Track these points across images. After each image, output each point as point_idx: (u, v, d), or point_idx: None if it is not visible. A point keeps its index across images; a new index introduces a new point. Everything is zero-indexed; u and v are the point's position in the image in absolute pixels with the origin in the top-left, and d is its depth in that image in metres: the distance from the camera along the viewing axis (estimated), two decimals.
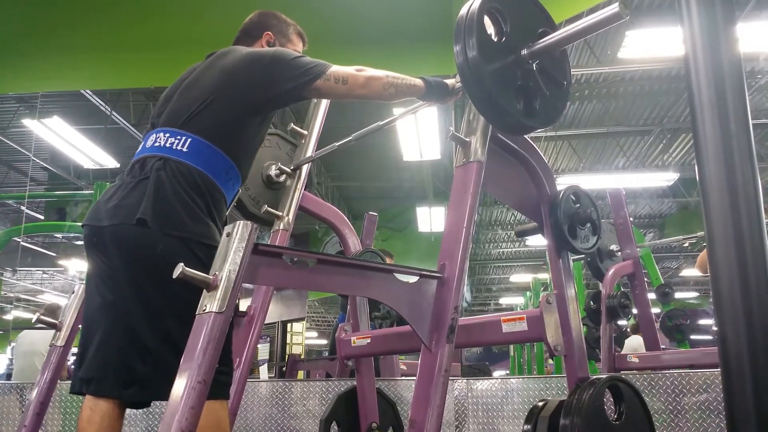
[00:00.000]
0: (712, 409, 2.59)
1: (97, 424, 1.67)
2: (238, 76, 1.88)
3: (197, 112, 1.82)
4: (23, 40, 4.20)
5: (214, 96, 1.84)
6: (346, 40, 4.03)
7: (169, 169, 1.73)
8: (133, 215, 1.66)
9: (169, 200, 1.69)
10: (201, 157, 1.76)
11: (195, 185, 1.74)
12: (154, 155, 1.77)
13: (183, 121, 1.81)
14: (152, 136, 1.83)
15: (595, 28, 1.56)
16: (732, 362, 1.40)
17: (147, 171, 1.74)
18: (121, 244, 1.70)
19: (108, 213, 1.72)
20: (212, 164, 1.78)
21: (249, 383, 3.02)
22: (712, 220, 1.46)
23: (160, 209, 1.67)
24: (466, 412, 2.90)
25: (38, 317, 2.32)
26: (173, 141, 1.78)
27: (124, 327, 1.69)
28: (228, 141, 1.82)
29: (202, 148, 1.77)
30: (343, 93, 1.87)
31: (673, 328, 5.19)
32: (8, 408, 3.36)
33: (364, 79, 1.87)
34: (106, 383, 1.70)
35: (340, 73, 1.85)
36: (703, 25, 1.50)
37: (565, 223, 2.00)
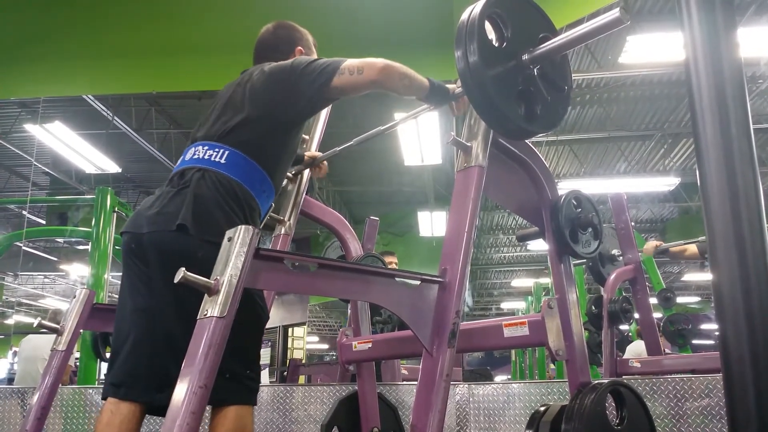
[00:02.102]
0: (714, 414, 2.58)
1: (116, 428, 1.69)
2: (264, 93, 1.91)
3: (232, 127, 1.86)
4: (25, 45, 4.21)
5: (246, 113, 1.88)
6: (347, 46, 4.03)
7: (208, 178, 1.77)
8: (173, 222, 1.69)
9: (208, 208, 1.72)
10: (238, 169, 1.81)
11: (234, 194, 1.78)
12: (194, 166, 1.82)
13: (219, 135, 1.86)
14: (191, 150, 1.89)
15: (596, 33, 1.56)
16: (734, 367, 1.40)
17: (186, 180, 1.78)
18: (161, 250, 1.72)
19: (148, 220, 1.75)
20: (249, 176, 1.83)
21: None
22: (713, 224, 1.46)
23: (200, 216, 1.70)
24: (468, 417, 2.90)
25: (40, 322, 2.32)
26: (212, 153, 1.83)
27: (160, 333, 1.71)
28: (262, 154, 1.86)
29: (239, 161, 1.82)
30: (361, 83, 1.85)
31: (675, 333, 5.17)
32: (9, 413, 3.36)
33: (383, 65, 1.85)
34: (137, 388, 1.72)
35: (355, 65, 1.85)
36: (704, 29, 1.50)
37: (567, 228, 2.00)
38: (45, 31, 4.17)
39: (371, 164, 10.31)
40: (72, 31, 4.17)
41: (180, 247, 1.70)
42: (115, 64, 4.27)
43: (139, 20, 4.12)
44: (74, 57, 4.24)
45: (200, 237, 1.68)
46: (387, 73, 1.85)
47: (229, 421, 1.63)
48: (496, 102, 1.56)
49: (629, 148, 10.17)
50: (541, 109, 1.68)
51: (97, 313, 2.37)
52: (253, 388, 1.73)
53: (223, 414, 1.64)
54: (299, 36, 2.24)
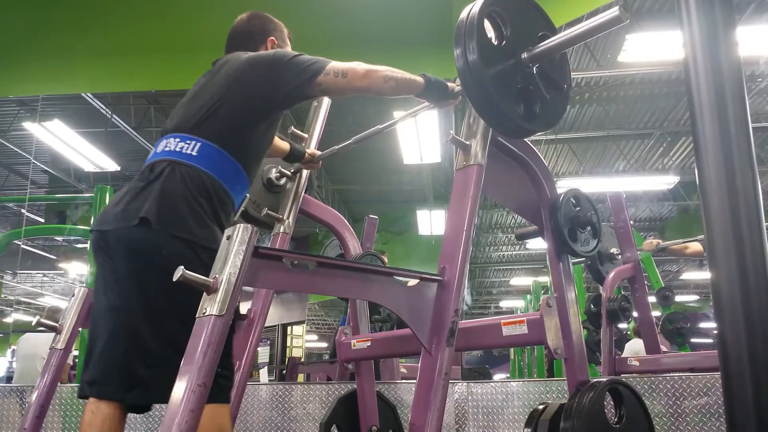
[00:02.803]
0: (712, 413, 2.58)
1: (98, 428, 1.67)
2: (242, 81, 1.89)
3: (205, 118, 1.84)
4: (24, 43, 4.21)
5: (220, 103, 1.86)
6: (346, 44, 4.03)
7: (177, 172, 1.75)
8: (136, 217, 1.68)
9: (175, 202, 1.70)
10: (210, 161, 1.79)
11: (203, 189, 1.76)
12: (164, 159, 1.80)
13: (191, 127, 1.84)
14: (162, 142, 1.87)
15: (595, 31, 1.56)
16: (732, 365, 1.40)
17: (156, 174, 1.76)
18: (126, 246, 1.71)
19: (115, 217, 1.74)
20: (221, 168, 1.81)
21: (249, 386, 3.02)
22: (712, 223, 1.46)
23: (165, 210, 1.68)
24: (467, 416, 2.90)
25: (38, 320, 2.32)
26: (183, 145, 1.80)
27: (128, 330, 1.69)
28: (236, 145, 1.84)
29: (211, 152, 1.80)
30: (344, 86, 1.87)
31: (674, 332, 5.18)
32: (8, 411, 3.36)
33: (364, 71, 1.87)
34: (110, 386, 1.71)
35: (340, 68, 1.87)
36: (703, 28, 1.50)
37: (566, 227, 2.00)
38: (44, 29, 4.16)
39: (370, 163, 10.31)
40: (71, 29, 4.17)
41: (143, 243, 1.68)
42: (114, 63, 4.27)
43: (138, 18, 4.11)
44: (73, 55, 4.24)
45: (164, 231, 1.66)
46: (370, 79, 1.87)
47: (206, 421, 1.60)
48: (496, 100, 1.56)
49: (628, 147, 10.17)
50: (540, 108, 1.68)
51: None
52: (225, 386, 1.71)
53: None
54: (273, 27, 2.22)
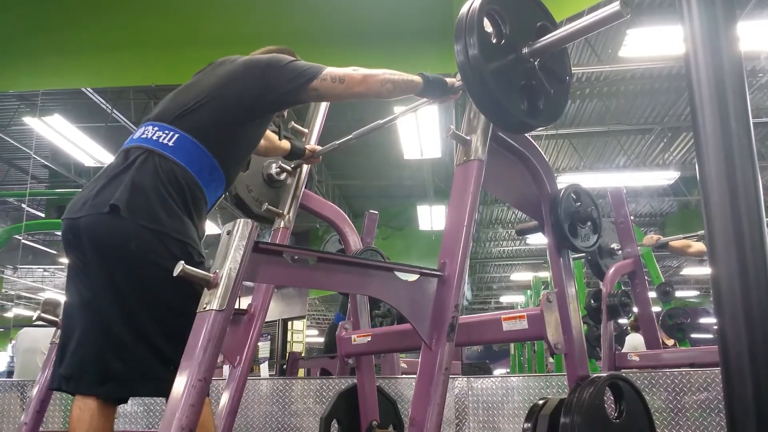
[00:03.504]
0: (712, 408, 2.59)
1: (87, 423, 1.67)
2: (234, 80, 1.89)
3: (190, 110, 1.82)
4: (24, 38, 4.20)
5: (208, 98, 1.84)
6: (346, 39, 4.03)
7: (150, 161, 1.72)
8: (106, 204, 1.65)
9: (145, 191, 1.67)
10: (186, 154, 1.76)
11: (175, 180, 1.72)
12: (140, 146, 1.77)
13: (174, 118, 1.81)
14: (141, 129, 1.83)
15: (596, 26, 1.56)
16: (732, 361, 1.40)
17: (129, 162, 1.73)
18: (95, 236, 1.68)
19: (84, 204, 1.71)
20: (196, 163, 1.77)
21: (249, 381, 3.03)
22: (712, 218, 1.46)
23: (135, 199, 1.65)
24: (467, 411, 2.91)
25: (39, 315, 2.32)
26: (160, 135, 1.77)
27: (101, 323, 1.67)
28: (216, 142, 1.82)
29: (189, 146, 1.77)
30: (341, 92, 1.87)
31: (674, 327, 5.19)
32: (9, 405, 3.37)
33: (362, 77, 1.87)
34: (85, 381, 1.69)
35: (337, 73, 1.86)
36: (704, 23, 1.50)
37: (566, 222, 2.00)
38: (44, 24, 4.16)
39: (371, 158, 10.30)
40: (71, 24, 4.16)
41: (112, 231, 1.65)
42: (115, 57, 4.27)
43: (139, 13, 4.11)
44: (73, 50, 4.24)
45: (133, 220, 1.63)
46: (367, 84, 1.87)
47: None
48: (496, 96, 1.56)
49: (629, 142, 10.16)
50: (544, 103, 1.68)
51: None
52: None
53: None
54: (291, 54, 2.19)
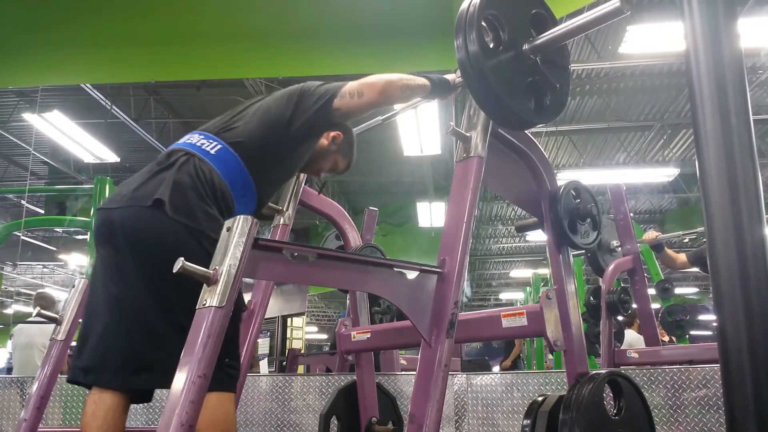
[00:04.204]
0: (711, 405, 2.59)
1: (101, 419, 1.68)
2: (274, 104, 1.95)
3: (234, 126, 1.90)
4: (23, 33, 4.19)
5: (252, 118, 1.92)
6: (346, 35, 4.02)
7: (191, 163, 1.77)
8: (148, 198, 1.68)
9: (185, 190, 1.71)
10: (224, 165, 1.81)
11: (212, 185, 1.77)
12: (182, 149, 1.83)
13: (218, 130, 1.89)
14: (187, 136, 1.92)
15: (596, 23, 1.56)
16: (731, 358, 1.40)
17: (170, 162, 1.78)
18: (131, 226, 1.70)
19: (123, 197, 1.75)
20: (232, 175, 1.82)
21: (249, 377, 3.03)
22: (712, 215, 1.46)
23: (176, 196, 1.69)
24: (466, 407, 2.91)
25: (38, 311, 2.32)
26: (204, 142, 1.85)
27: (135, 320, 1.69)
28: (254, 161, 1.87)
29: (228, 157, 1.83)
30: (362, 105, 1.90)
31: (673, 324, 5.19)
32: (9, 402, 3.37)
33: (381, 86, 1.89)
34: (107, 373, 1.71)
35: (354, 88, 1.89)
36: (705, 20, 1.50)
37: (566, 219, 2.00)
38: (43, 20, 4.15)
39: (370, 154, 10.28)
40: (70, 20, 4.15)
41: (151, 224, 1.67)
42: (114, 54, 4.26)
43: (138, 9, 4.10)
44: (73, 46, 4.23)
45: (172, 216, 1.66)
46: (387, 93, 1.89)
47: (211, 408, 1.62)
48: (496, 92, 1.56)
49: (628, 139, 10.16)
50: (551, 98, 1.68)
51: None
52: (233, 375, 1.72)
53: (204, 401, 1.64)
54: None
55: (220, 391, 1.65)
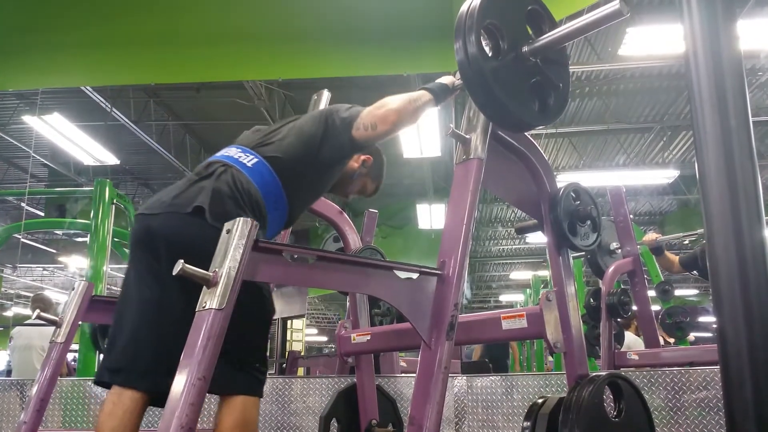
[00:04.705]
0: (711, 407, 2.59)
1: (119, 419, 1.70)
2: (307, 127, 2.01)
3: (270, 141, 1.96)
4: (23, 36, 4.19)
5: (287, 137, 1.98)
6: (345, 37, 4.01)
7: (229, 173, 1.83)
8: (188, 205, 1.72)
9: (224, 198, 1.75)
10: (260, 178, 1.87)
11: (249, 195, 1.81)
12: (221, 161, 1.89)
13: (255, 145, 1.95)
14: (225, 149, 1.98)
15: (596, 25, 1.56)
16: (731, 359, 1.40)
17: (209, 172, 1.84)
18: (171, 232, 1.74)
19: (164, 204, 1.79)
20: (267, 187, 1.87)
21: None
22: (712, 217, 1.46)
23: (215, 203, 1.73)
24: (466, 409, 2.91)
25: (38, 314, 2.32)
26: (241, 156, 1.91)
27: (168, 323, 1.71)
28: (287, 175, 1.92)
29: (264, 171, 1.88)
30: (378, 136, 1.94)
31: (673, 326, 5.18)
32: (8, 404, 3.37)
33: (393, 118, 1.92)
34: (136, 374, 1.73)
35: (368, 121, 1.93)
36: (704, 22, 1.50)
37: (565, 221, 2.00)
38: (43, 22, 4.15)
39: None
40: (70, 22, 4.15)
41: (191, 230, 1.71)
42: (114, 56, 4.26)
43: (138, 11, 4.10)
44: (73, 48, 4.23)
45: (213, 224, 1.68)
46: (399, 122, 1.93)
47: (236, 410, 1.66)
48: (497, 95, 1.56)
49: (628, 141, 10.16)
50: (554, 98, 1.69)
51: (96, 305, 2.37)
52: (261, 380, 1.76)
53: (230, 403, 1.67)
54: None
55: (247, 394, 1.69)
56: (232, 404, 1.67)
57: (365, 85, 7.25)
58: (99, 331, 4.51)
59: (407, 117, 1.94)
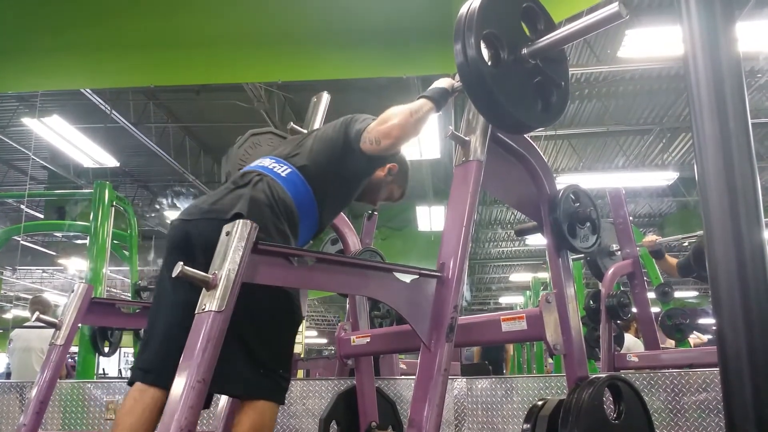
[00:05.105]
0: (711, 409, 2.59)
1: (138, 415, 1.72)
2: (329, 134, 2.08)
3: (299, 152, 2.03)
4: (23, 38, 4.19)
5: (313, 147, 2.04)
6: (346, 39, 4.02)
7: (265, 182, 1.88)
8: (227, 211, 1.76)
9: (261, 206, 1.80)
10: (293, 187, 1.93)
11: (283, 203, 1.87)
12: (255, 171, 1.95)
13: (287, 156, 2.02)
14: (259, 160, 2.05)
15: (595, 27, 1.56)
16: (731, 361, 1.40)
17: (245, 182, 1.89)
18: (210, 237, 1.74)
19: (201, 210, 1.84)
20: (300, 197, 1.93)
21: None
22: (711, 219, 1.46)
23: (253, 210, 1.77)
24: (466, 411, 2.90)
25: (38, 316, 2.32)
26: (275, 166, 1.97)
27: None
28: (317, 183, 1.97)
29: (297, 180, 1.95)
30: (384, 149, 1.97)
31: (673, 328, 5.18)
32: (8, 407, 3.37)
33: (396, 133, 1.94)
34: (166, 374, 1.73)
35: (373, 135, 1.96)
36: (703, 24, 1.50)
37: (565, 222, 2.00)
38: (43, 24, 4.15)
39: None
40: (70, 24, 4.15)
41: None
42: (114, 58, 4.26)
43: (138, 14, 4.10)
44: (72, 51, 4.23)
45: None
46: (402, 136, 1.95)
47: (255, 414, 1.68)
48: (496, 97, 1.56)
49: (628, 143, 10.16)
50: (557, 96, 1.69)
51: (95, 307, 2.38)
52: (284, 387, 1.78)
53: (250, 406, 1.69)
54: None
55: (269, 400, 1.71)
56: (253, 408, 1.69)
57: (365, 88, 7.24)
58: (98, 333, 4.53)
59: (409, 130, 1.95)
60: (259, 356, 1.69)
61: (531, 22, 1.70)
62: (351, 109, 6.75)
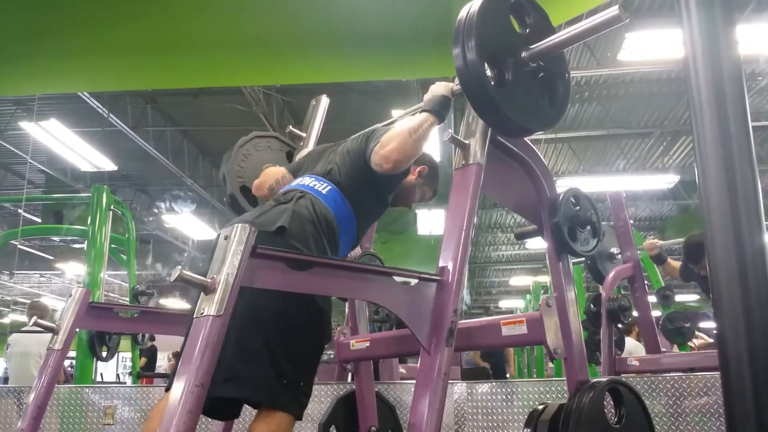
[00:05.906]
0: (712, 413, 2.58)
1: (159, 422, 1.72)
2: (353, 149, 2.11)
3: (334, 168, 2.08)
4: (20, 42, 4.19)
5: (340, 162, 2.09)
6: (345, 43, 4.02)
7: (308, 199, 1.94)
8: (271, 224, 1.79)
9: (303, 221, 1.85)
10: (334, 203, 1.98)
11: (325, 219, 1.92)
12: (298, 189, 2.01)
13: (324, 173, 2.08)
14: (300, 178, 2.11)
15: (595, 30, 1.56)
16: (732, 365, 1.39)
17: (288, 198, 1.95)
18: None
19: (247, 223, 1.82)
20: (339, 212, 1.99)
21: None
22: (712, 222, 1.45)
23: (295, 224, 1.82)
24: (466, 416, 2.89)
25: (35, 320, 2.31)
26: (316, 184, 2.03)
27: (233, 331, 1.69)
28: (352, 197, 2.03)
29: (337, 197, 2.01)
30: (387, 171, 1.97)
31: (674, 331, 5.17)
32: (6, 412, 3.35)
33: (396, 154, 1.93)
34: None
35: (376, 158, 1.98)
36: (703, 27, 1.50)
37: (565, 226, 2.00)
38: (40, 28, 4.15)
39: None
40: (68, 28, 4.15)
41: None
42: (111, 62, 4.26)
43: (136, 17, 4.10)
44: (70, 54, 4.23)
45: (289, 241, 1.76)
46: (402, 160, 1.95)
47: (272, 424, 1.68)
48: (495, 100, 1.55)
49: (628, 146, 10.16)
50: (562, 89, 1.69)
51: (93, 311, 2.37)
52: (303, 402, 1.77)
53: (268, 415, 1.69)
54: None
55: (287, 412, 1.70)
56: (271, 417, 1.68)
57: (364, 91, 7.25)
58: (96, 337, 4.52)
59: (409, 152, 1.95)
60: (283, 367, 1.69)
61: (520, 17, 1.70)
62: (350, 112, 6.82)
